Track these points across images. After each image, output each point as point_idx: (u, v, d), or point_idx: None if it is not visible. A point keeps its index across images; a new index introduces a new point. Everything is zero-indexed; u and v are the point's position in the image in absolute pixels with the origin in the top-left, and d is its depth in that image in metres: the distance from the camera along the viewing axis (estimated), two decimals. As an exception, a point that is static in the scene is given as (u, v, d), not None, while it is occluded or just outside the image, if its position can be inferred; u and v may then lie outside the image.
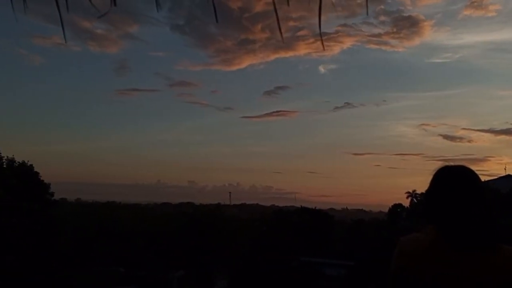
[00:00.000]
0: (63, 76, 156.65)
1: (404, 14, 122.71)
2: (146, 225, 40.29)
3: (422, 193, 51.52)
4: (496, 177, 46.67)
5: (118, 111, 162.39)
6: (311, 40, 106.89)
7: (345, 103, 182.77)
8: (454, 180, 1.93)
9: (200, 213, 49.42)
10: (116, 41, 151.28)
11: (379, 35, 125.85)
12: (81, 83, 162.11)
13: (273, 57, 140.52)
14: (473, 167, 1.96)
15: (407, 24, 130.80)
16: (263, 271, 29.27)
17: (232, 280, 31.82)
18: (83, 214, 40.52)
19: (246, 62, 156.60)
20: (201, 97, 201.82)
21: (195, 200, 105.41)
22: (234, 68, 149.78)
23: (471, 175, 1.95)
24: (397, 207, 51.91)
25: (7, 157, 33.02)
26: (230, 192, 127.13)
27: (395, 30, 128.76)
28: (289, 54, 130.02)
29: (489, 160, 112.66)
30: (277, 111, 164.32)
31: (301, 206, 54.80)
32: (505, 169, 75.10)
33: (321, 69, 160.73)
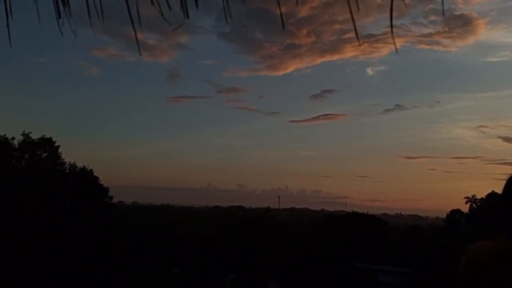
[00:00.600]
0: (119, 85, 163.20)
1: (456, 13, 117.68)
2: (199, 228, 40.97)
3: (482, 198, 49.30)
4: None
5: (170, 118, 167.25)
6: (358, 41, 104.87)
7: (395, 105, 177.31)
8: None
9: (251, 216, 49.73)
10: (167, 51, 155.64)
11: (430, 35, 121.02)
12: (135, 92, 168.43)
13: (319, 60, 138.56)
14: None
15: (459, 23, 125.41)
16: (315, 276, 29.01)
17: (283, 284, 31.73)
18: (139, 216, 41.75)
19: (292, 66, 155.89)
20: (249, 103, 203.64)
21: (245, 203, 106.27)
22: (281, 73, 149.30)
23: None
24: (455, 213, 49.97)
25: (69, 162, 34.63)
26: (279, 196, 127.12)
27: (446, 29, 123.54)
28: (335, 57, 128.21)
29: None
30: (325, 115, 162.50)
31: (352, 211, 53.89)
32: None
33: (369, 71, 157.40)
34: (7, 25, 1.80)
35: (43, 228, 26.73)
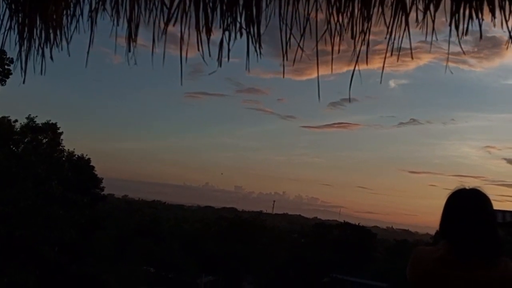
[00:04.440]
0: (139, 76, 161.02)
1: (488, 35, 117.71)
2: (185, 227, 41.02)
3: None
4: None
5: (184, 114, 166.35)
6: (387, 54, 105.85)
7: (411, 119, 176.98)
8: (465, 201, 2.18)
9: (240, 219, 49.69)
10: (195, 46, 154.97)
11: (459, 53, 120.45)
12: (154, 85, 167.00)
13: (345, 69, 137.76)
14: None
15: (489, 45, 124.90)
16: (293, 285, 29.14)
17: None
18: (127, 211, 41.86)
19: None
20: (266, 105, 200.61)
21: (238, 206, 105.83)
22: (304, 78, 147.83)
23: (481, 198, 2.20)
24: (443, 230, 49.81)
25: (68, 150, 34.34)
26: (274, 201, 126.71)
27: (476, 50, 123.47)
28: (362, 67, 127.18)
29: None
30: (339, 123, 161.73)
31: (344, 221, 53.82)
32: None
33: (392, 83, 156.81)
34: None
35: (31, 217, 26.79)
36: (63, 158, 34.06)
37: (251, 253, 37.74)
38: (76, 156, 34.37)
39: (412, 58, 1.74)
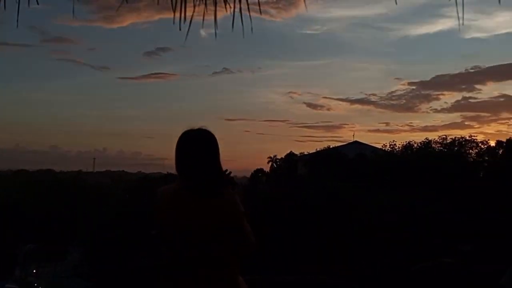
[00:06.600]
0: None
1: None
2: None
3: (281, 158, 55.02)
4: (345, 143, 51.61)
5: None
6: (197, 2, 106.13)
7: (223, 68, 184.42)
8: (190, 141, 2.44)
9: (59, 181, 46.90)
10: None
11: (260, 3, 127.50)
12: None
13: (157, 17, 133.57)
14: (329, 134, 2.45)
15: None
16: (119, 240, 29.26)
17: (85, 252, 31.27)
18: None
19: (129, 20, 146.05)
20: (77, 55, 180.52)
21: (56, 167, 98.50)
22: (116, 26, 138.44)
23: (206, 137, 2.47)
24: (258, 172, 54.91)
25: None
26: (94, 158, 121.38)
27: (275, 0, 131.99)
28: (174, 15, 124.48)
29: (344, 127, 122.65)
30: (156, 73, 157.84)
31: (168, 172, 54.86)
32: (353, 135, 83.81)
33: (203, 33, 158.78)
34: None
35: None
36: None
37: (74, 215, 36.34)
38: None
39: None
